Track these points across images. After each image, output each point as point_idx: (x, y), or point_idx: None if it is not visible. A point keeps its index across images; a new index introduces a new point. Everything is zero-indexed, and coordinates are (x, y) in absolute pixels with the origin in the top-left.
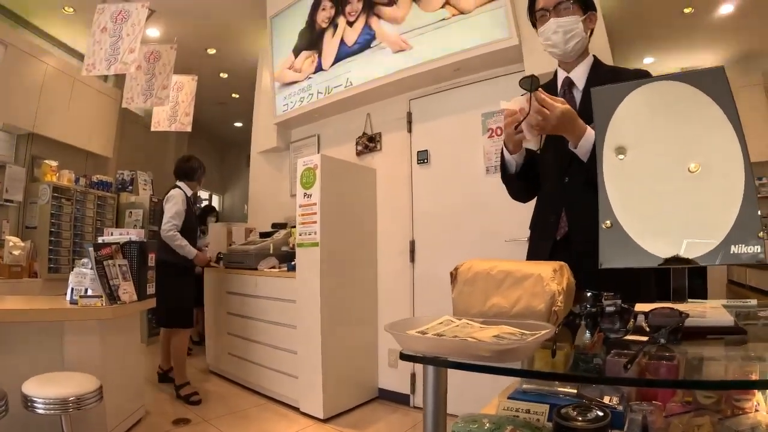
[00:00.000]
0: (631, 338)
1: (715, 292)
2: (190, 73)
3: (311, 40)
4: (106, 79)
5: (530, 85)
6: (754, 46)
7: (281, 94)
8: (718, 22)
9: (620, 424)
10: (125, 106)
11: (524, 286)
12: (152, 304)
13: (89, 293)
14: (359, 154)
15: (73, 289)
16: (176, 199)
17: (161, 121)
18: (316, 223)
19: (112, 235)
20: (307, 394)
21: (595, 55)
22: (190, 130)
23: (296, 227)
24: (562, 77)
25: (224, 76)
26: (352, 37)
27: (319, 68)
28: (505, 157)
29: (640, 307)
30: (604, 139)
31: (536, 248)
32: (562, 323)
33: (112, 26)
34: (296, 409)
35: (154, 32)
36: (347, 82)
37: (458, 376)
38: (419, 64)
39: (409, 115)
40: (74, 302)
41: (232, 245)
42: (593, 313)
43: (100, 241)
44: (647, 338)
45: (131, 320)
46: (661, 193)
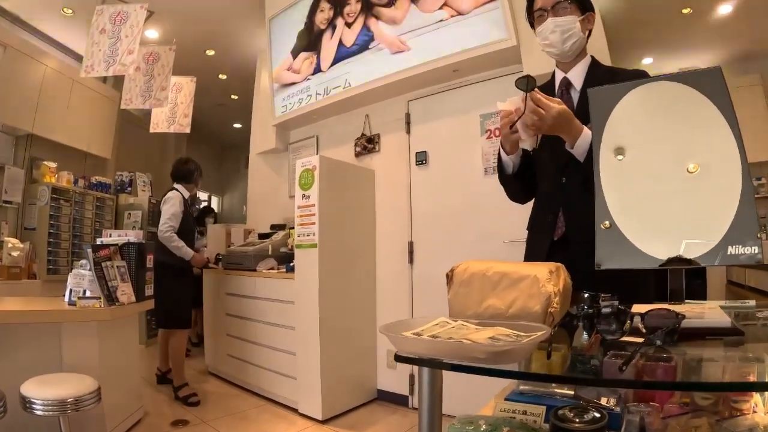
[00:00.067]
0: (627, 339)
1: (714, 292)
2: (188, 74)
3: (310, 41)
4: (105, 80)
5: (526, 85)
6: (752, 46)
7: (280, 95)
8: (716, 22)
9: (617, 425)
10: (124, 107)
11: (520, 287)
12: (150, 305)
13: (88, 294)
14: (358, 155)
15: (71, 290)
16: (173, 200)
17: (160, 122)
18: (314, 224)
19: (110, 236)
20: (305, 395)
21: (592, 55)
22: (189, 131)
23: (295, 228)
24: (559, 78)
25: (223, 77)
26: (350, 38)
27: (317, 69)
28: (502, 157)
29: (637, 308)
30: (600, 139)
31: (534, 248)
32: (558, 324)
33: (110, 27)
34: (295, 410)
35: (152, 33)
36: (346, 83)
37: (455, 377)
38: (418, 65)
39: (407, 116)
40: (73, 303)
41: (230, 246)
42: (590, 314)
43: (98, 242)
44: (643, 340)
45: (130, 321)
46: (658, 193)
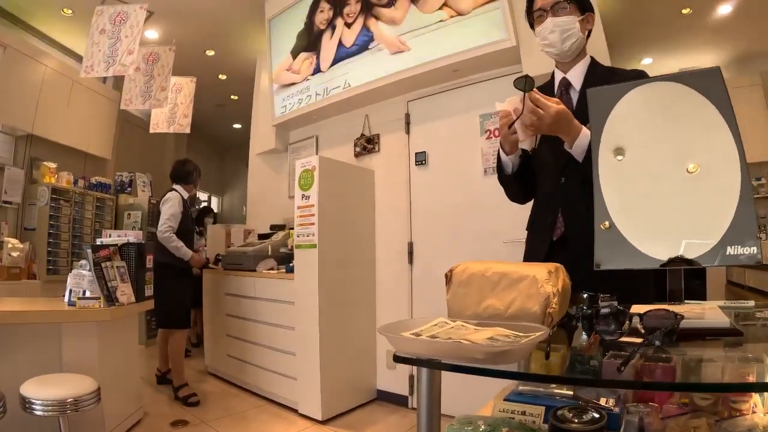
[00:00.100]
0: (626, 340)
1: (714, 293)
2: (188, 74)
3: (309, 41)
4: (104, 80)
5: (524, 85)
6: (752, 46)
7: (280, 95)
8: (716, 22)
9: (616, 426)
10: (124, 107)
11: (519, 287)
12: (150, 305)
13: (87, 295)
14: (357, 155)
15: (71, 290)
16: (172, 201)
17: (160, 122)
18: (314, 224)
19: (110, 236)
20: (305, 395)
21: (592, 56)
22: (188, 131)
23: (294, 229)
24: (559, 78)
25: (223, 77)
26: (350, 38)
27: (317, 70)
28: (501, 158)
29: (636, 308)
30: (599, 139)
31: (533, 249)
32: (557, 325)
33: (110, 28)
34: (295, 410)
35: (152, 34)
36: (345, 83)
37: (455, 377)
38: (417, 65)
39: (407, 116)
40: (72, 304)
41: (230, 247)
42: (589, 314)
43: (98, 242)
44: (642, 340)
45: (129, 322)
46: (657, 194)
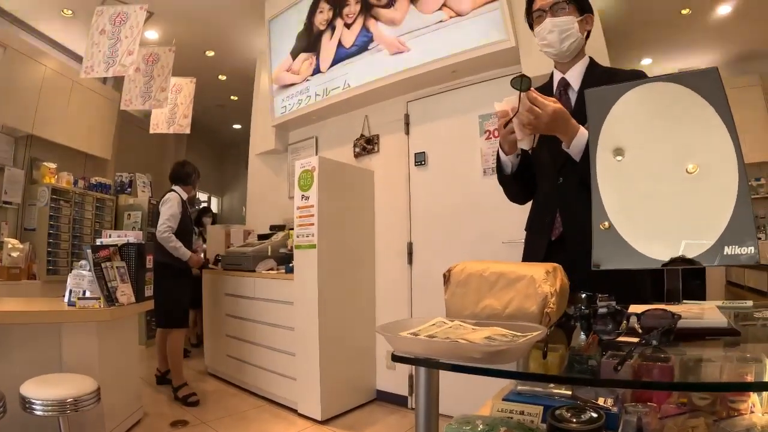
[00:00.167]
0: (624, 340)
1: (713, 293)
2: (188, 75)
3: (309, 42)
4: (104, 81)
5: (520, 84)
6: (751, 46)
7: (279, 96)
8: (715, 23)
9: (614, 425)
10: (124, 108)
11: (517, 287)
12: (150, 306)
13: (87, 295)
14: (357, 156)
15: (71, 291)
16: (172, 201)
17: (160, 123)
18: (313, 225)
19: (110, 237)
20: (305, 395)
21: (591, 56)
22: (188, 132)
23: (294, 229)
24: (557, 78)
25: (223, 78)
26: (349, 39)
27: (317, 70)
28: (500, 158)
29: (634, 308)
30: (597, 140)
31: (532, 249)
32: (554, 325)
33: (110, 28)
34: (294, 410)
35: (152, 34)
36: (345, 84)
37: (454, 377)
38: (417, 66)
39: (406, 116)
40: (72, 304)
41: (230, 247)
42: (587, 314)
43: (98, 243)
44: (638, 340)
45: (129, 322)
46: (656, 194)
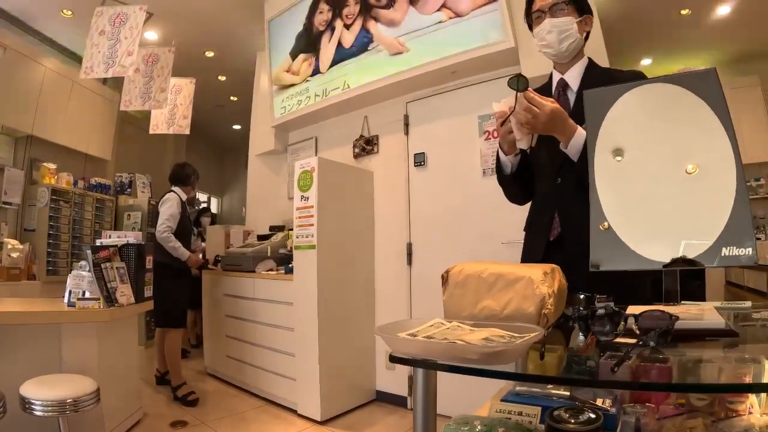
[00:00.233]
0: (623, 341)
1: (713, 293)
2: (188, 75)
3: (309, 42)
4: (104, 81)
5: (517, 84)
6: (751, 47)
7: (279, 96)
8: (715, 23)
9: (613, 426)
10: (123, 108)
11: (515, 288)
12: (150, 306)
13: (87, 296)
14: (356, 156)
15: (70, 291)
16: (171, 202)
17: (159, 123)
18: (313, 225)
19: (110, 237)
20: (304, 396)
21: (590, 57)
22: (188, 132)
23: (294, 230)
24: (556, 79)
25: (222, 78)
26: (349, 39)
27: (316, 71)
28: (500, 158)
29: (632, 309)
30: (595, 141)
31: (530, 249)
32: (552, 326)
33: (110, 29)
34: (294, 411)
35: (152, 35)
36: (344, 84)
37: (453, 378)
38: (416, 66)
39: (406, 117)
40: (72, 305)
41: (229, 248)
42: (585, 315)
43: (98, 243)
44: (635, 341)
45: (129, 323)
46: (655, 195)
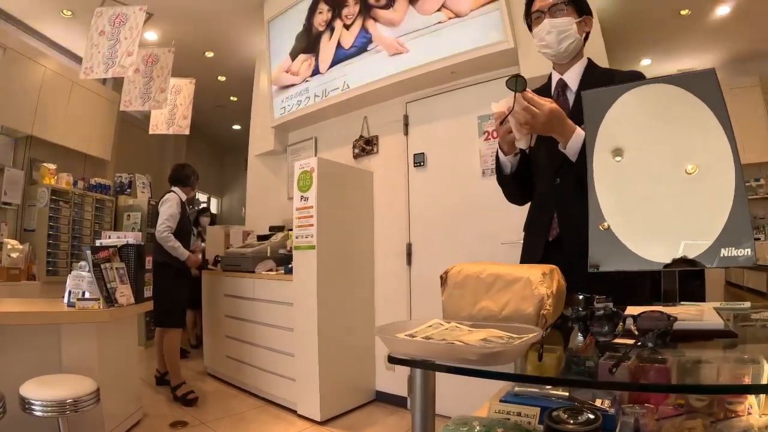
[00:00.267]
0: (622, 342)
1: (713, 293)
2: (188, 76)
3: (308, 43)
4: (104, 82)
5: (515, 84)
6: (751, 47)
7: (279, 97)
8: (714, 23)
9: (612, 427)
10: (123, 109)
11: (513, 289)
12: (149, 306)
13: (87, 296)
14: (356, 156)
15: (70, 291)
16: (171, 202)
17: (159, 124)
18: (312, 226)
19: (109, 238)
20: (304, 396)
21: (589, 57)
22: (188, 133)
23: (293, 230)
24: (555, 79)
25: (222, 79)
26: (348, 40)
27: (316, 71)
28: (500, 158)
29: (631, 310)
30: (594, 141)
31: (529, 250)
32: (551, 326)
33: (110, 29)
34: (293, 411)
35: (152, 35)
36: (344, 85)
37: (452, 378)
38: (415, 67)
39: (405, 117)
40: (72, 305)
41: (229, 248)
42: (583, 316)
43: (97, 244)
44: (634, 342)
45: (128, 323)
46: (652, 196)
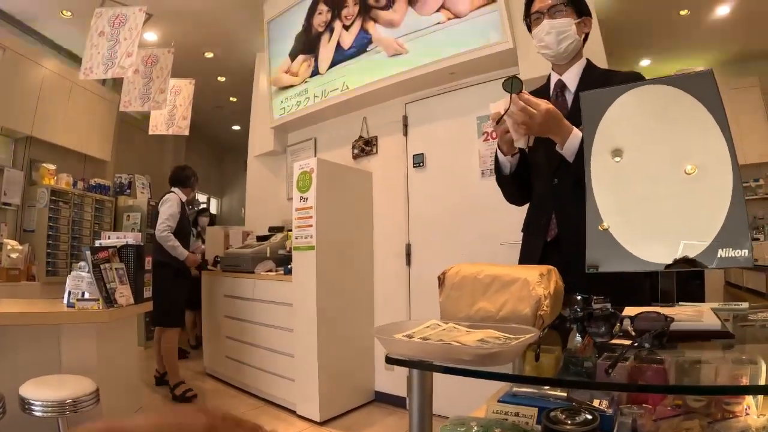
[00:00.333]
0: (619, 342)
1: (713, 294)
2: (187, 76)
3: (308, 43)
4: (104, 82)
5: (511, 86)
6: (750, 47)
7: (278, 97)
8: (714, 24)
9: (609, 427)
10: (123, 109)
11: (511, 290)
12: (149, 307)
13: (86, 296)
14: (356, 157)
15: (70, 292)
16: (171, 202)
17: (159, 124)
18: (312, 226)
19: (109, 238)
20: (303, 396)
21: (588, 58)
22: (187, 133)
23: (293, 231)
24: (554, 80)
25: (222, 79)
26: (348, 40)
27: (315, 72)
28: (499, 158)
29: (628, 310)
30: (592, 142)
31: (528, 250)
32: (548, 327)
33: (109, 30)
34: (293, 412)
35: (151, 36)
36: (343, 85)
37: (451, 379)
38: (415, 67)
39: (405, 118)
40: (71, 305)
41: (229, 248)
42: (581, 317)
43: (97, 244)
44: (630, 342)
45: (128, 323)
46: (651, 197)
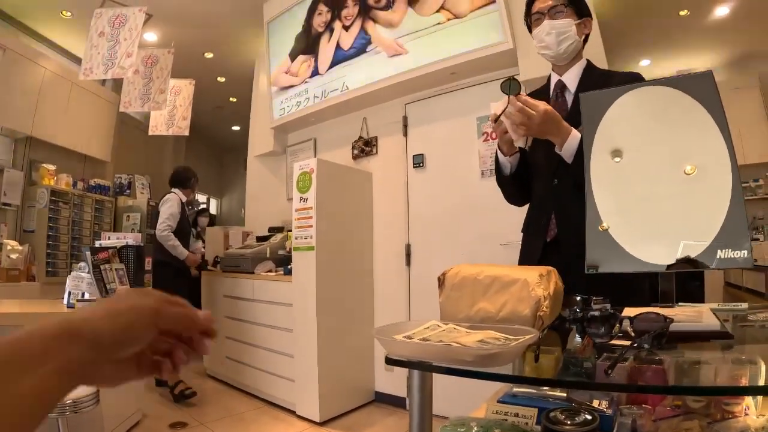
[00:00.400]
0: (619, 343)
1: (712, 294)
2: (187, 77)
3: (308, 44)
4: (103, 83)
5: (509, 87)
6: (750, 47)
7: (278, 98)
8: (713, 24)
9: (609, 428)
10: (123, 110)
11: (510, 291)
12: None
13: (86, 297)
14: (355, 158)
15: (70, 292)
16: (172, 202)
17: (159, 125)
18: (312, 227)
19: (109, 239)
20: (303, 397)
21: (588, 59)
22: (187, 134)
23: (292, 231)
24: (554, 81)
25: (221, 80)
26: (348, 41)
27: (315, 72)
28: (499, 159)
29: (628, 311)
30: (592, 143)
31: (527, 251)
32: (548, 328)
33: (109, 30)
34: (293, 412)
35: (151, 36)
36: (343, 86)
37: (450, 379)
38: (415, 68)
39: (404, 119)
40: (71, 306)
41: (228, 249)
42: (581, 317)
43: (97, 245)
44: (630, 343)
45: None
46: (650, 197)
